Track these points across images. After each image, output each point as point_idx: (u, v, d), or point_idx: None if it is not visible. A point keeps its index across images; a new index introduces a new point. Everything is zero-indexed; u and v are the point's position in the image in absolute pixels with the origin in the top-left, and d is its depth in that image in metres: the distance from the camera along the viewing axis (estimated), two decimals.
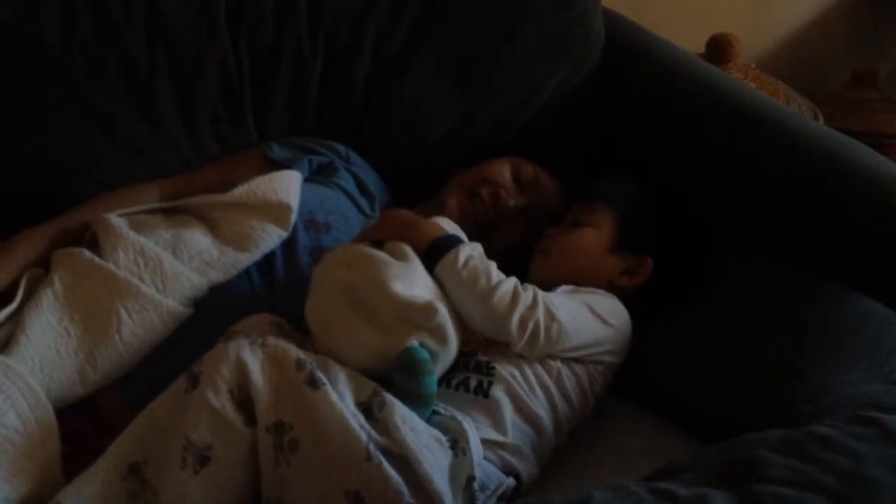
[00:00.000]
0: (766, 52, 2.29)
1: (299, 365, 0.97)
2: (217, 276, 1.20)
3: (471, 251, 1.12)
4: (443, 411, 1.04)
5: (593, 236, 1.28)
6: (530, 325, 1.07)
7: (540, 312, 1.08)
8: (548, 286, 1.23)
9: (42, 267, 1.20)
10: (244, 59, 1.43)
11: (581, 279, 1.23)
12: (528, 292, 1.10)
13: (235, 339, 1.00)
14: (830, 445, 0.79)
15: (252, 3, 1.43)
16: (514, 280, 1.11)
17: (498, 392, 1.08)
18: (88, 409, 1.12)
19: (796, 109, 2.03)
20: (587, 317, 1.14)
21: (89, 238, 1.23)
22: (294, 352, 0.98)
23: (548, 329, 1.08)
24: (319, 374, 0.96)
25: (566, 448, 1.12)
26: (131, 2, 1.37)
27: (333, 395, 0.95)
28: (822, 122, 2.02)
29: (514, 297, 1.08)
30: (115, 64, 1.37)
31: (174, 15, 1.39)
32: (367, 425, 0.95)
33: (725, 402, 1.06)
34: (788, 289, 1.15)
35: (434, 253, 1.11)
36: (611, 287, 1.24)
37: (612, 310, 1.18)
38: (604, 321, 1.15)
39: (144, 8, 1.38)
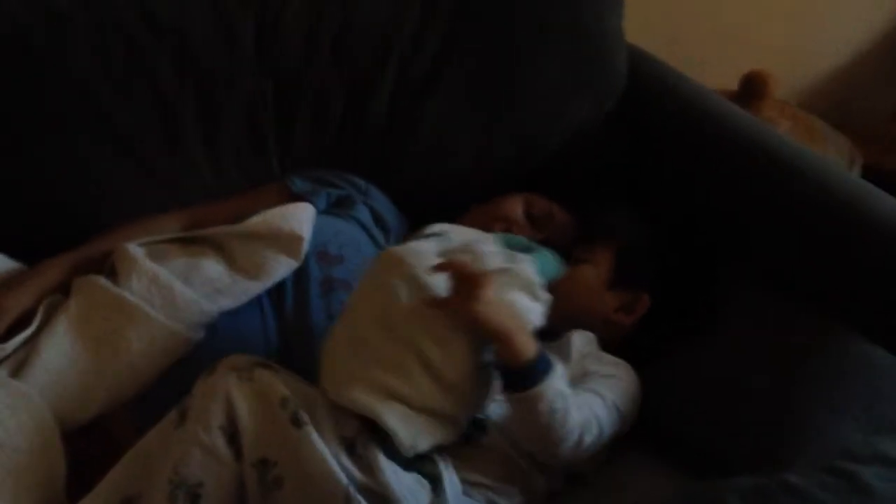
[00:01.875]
0: (805, 88, 2.25)
1: (284, 403, 0.98)
2: (228, 303, 1.23)
3: (559, 392, 1.01)
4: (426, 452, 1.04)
5: (592, 273, 1.28)
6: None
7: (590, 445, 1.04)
8: (551, 326, 1.23)
9: (64, 293, 1.24)
10: (269, 91, 1.47)
11: (579, 315, 1.23)
12: (593, 431, 1.04)
13: (223, 372, 1.02)
14: (798, 496, 0.77)
15: (278, 36, 1.47)
16: (585, 420, 1.03)
17: (488, 438, 1.08)
18: (97, 430, 1.15)
19: (834, 147, 2.00)
20: (616, 422, 1.10)
21: (109, 266, 1.27)
22: (280, 389, 0.99)
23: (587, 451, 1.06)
24: (302, 414, 0.98)
25: None
26: (161, 32, 1.42)
27: (315, 436, 0.96)
28: (860, 160, 1.98)
29: (579, 444, 1.03)
30: (143, 93, 1.42)
31: (201, 46, 1.44)
32: (349, 464, 0.96)
33: (716, 439, 1.05)
34: (790, 329, 1.14)
35: (518, 376, 1.00)
36: (607, 324, 1.24)
37: (633, 397, 1.15)
38: (623, 419, 1.13)
39: (173, 39, 1.42)
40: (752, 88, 1.99)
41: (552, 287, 1.28)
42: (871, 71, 2.30)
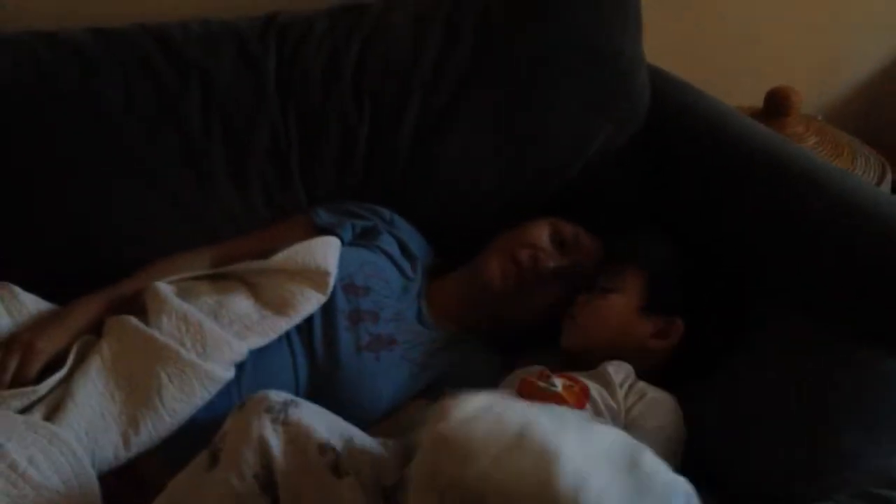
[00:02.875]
0: (833, 103, 2.23)
1: (321, 449, 0.96)
2: (257, 341, 1.23)
3: None
4: None
5: (621, 302, 1.27)
6: None
7: None
8: (580, 352, 1.22)
9: (97, 333, 1.26)
10: (292, 124, 1.48)
11: (613, 345, 1.22)
12: None
13: (255, 412, 1.00)
14: None
15: (299, 70, 1.48)
16: None
17: None
18: (129, 470, 1.15)
19: (863, 163, 1.97)
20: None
21: (140, 305, 1.28)
22: (317, 433, 0.97)
23: None
24: (344, 461, 0.95)
25: None
26: (187, 72, 1.44)
27: (358, 487, 0.94)
28: (890, 174, 1.95)
29: None
30: (172, 133, 1.44)
31: (226, 84, 1.45)
32: None
33: (750, 466, 1.03)
34: (824, 351, 1.11)
35: None
36: (643, 351, 1.22)
37: (679, 440, 1.13)
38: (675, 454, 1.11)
39: (199, 78, 1.45)
40: (776, 105, 1.97)
41: (581, 319, 1.28)
42: None
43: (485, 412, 0.86)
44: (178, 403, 1.16)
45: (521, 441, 0.83)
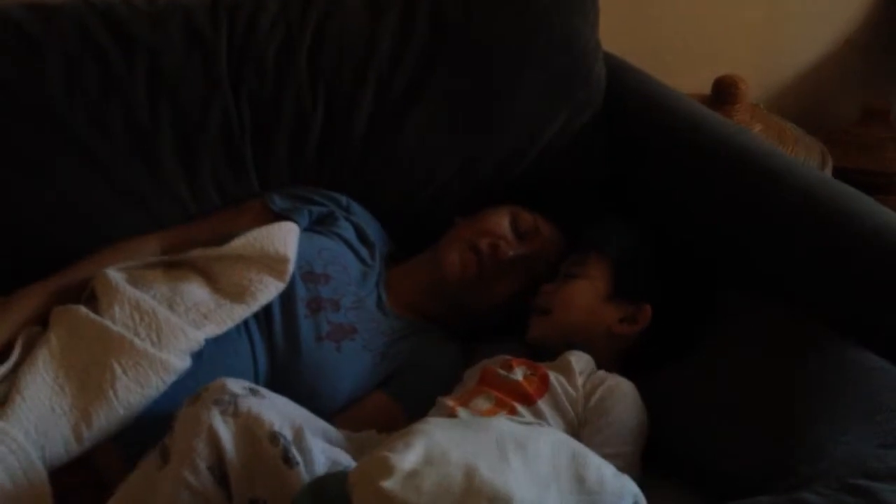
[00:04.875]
0: (774, 91, 2.27)
1: (273, 439, 0.95)
2: (214, 329, 1.19)
3: None
4: None
5: (588, 287, 1.27)
6: None
7: None
8: (548, 343, 1.21)
9: (42, 324, 1.21)
10: (245, 110, 1.44)
11: (580, 332, 1.22)
12: None
13: (205, 405, 0.97)
14: None
15: (252, 54, 1.44)
16: None
17: None
18: (83, 464, 1.11)
19: (804, 149, 2.02)
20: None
21: (88, 293, 1.23)
22: (268, 423, 0.95)
23: None
24: (294, 452, 0.94)
25: None
26: (133, 55, 1.39)
27: (306, 477, 0.93)
28: (831, 161, 2.01)
29: None
30: (118, 116, 1.38)
31: (175, 67, 1.41)
32: None
33: (723, 457, 1.04)
34: (790, 339, 1.13)
35: None
36: (610, 336, 1.23)
37: (640, 428, 1.13)
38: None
39: (146, 61, 1.39)
40: (724, 92, 2.00)
41: (553, 309, 1.27)
42: (838, 74, 2.33)
43: (426, 464, 0.86)
44: (133, 395, 1.12)
45: (470, 492, 0.83)
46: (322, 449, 0.99)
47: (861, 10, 2.28)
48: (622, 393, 1.16)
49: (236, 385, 1.02)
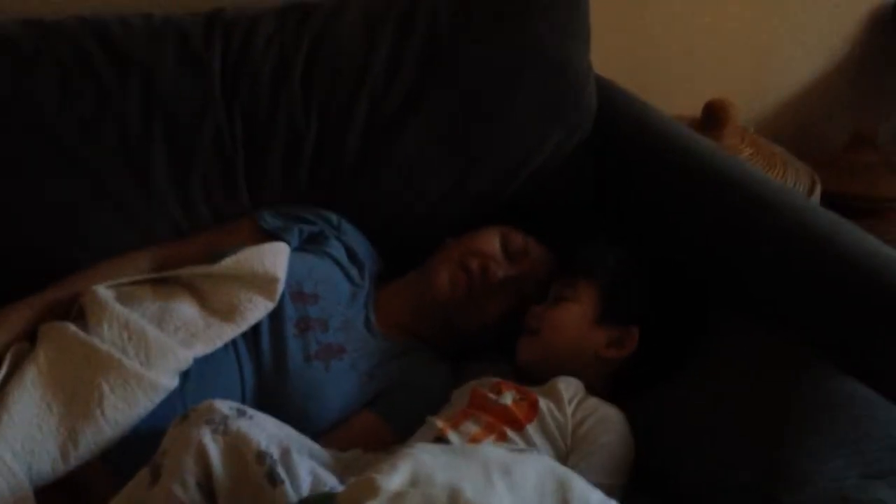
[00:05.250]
0: (764, 115, 2.29)
1: (259, 458, 0.95)
2: (202, 349, 1.19)
3: None
4: None
5: (577, 311, 1.27)
6: None
7: None
8: (536, 366, 1.22)
9: (30, 340, 1.20)
10: (238, 126, 1.44)
11: (568, 354, 1.23)
12: None
13: (196, 423, 0.98)
14: None
15: (247, 71, 1.45)
16: None
17: None
18: (69, 483, 1.11)
19: (794, 173, 2.03)
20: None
21: (76, 310, 1.23)
22: (255, 442, 0.96)
23: None
24: (280, 470, 0.95)
25: None
26: (127, 71, 1.39)
27: (292, 496, 0.93)
28: (819, 186, 2.02)
29: None
30: (110, 132, 1.39)
31: (169, 83, 1.41)
32: None
33: (710, 480, 1.04)
34: (779, 364, 1.14)
35: None
36: (598, 360, 1.23)
37: (626, 458, 1.14)
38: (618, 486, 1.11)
39: (139, 77, 1.40)
40: (714, 116, 2.01)
41: (543, 330, 1.27)
42: (827, 99, 2.35)
43: (412, 485, 0.87)
44: (120, 414, 1.12)
45: None
46: (309, 469, 1.00)
47: (851, 35, 2.30)
48: (612, 424, 1.16)
49: (225, 406, 1.02)
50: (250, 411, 1.04)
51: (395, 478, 0.87)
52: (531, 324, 1.30)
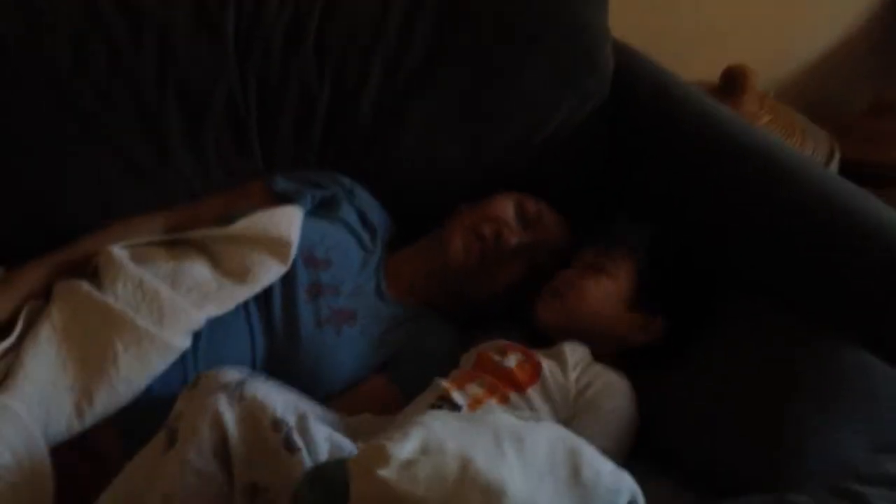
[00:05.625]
0: (784, 81, 2.26)
1: (276, 425, 0.96)
2: (214, 310, 1.20)
3: None
4: None
5: (612, 288, 1.24)
6: None
7: None
8: (552, 329, 1.20)
9: (45, 298, 1.21)
10: (251, 91, 1.44)
11: (588, 324, 1.21)
12: None
13: (212, 389, 0.99)
14: None
15: (260, 36, 1.44)
16: None
17: None
18: (82, 443, 1.12)
19: (812, 140, 2.01)
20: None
21: (91, 269, 1.24)
22: (271, 409, 0.97)
23: None
24: (296, 438, 0.95)
25: None
26: (141, 32, 1.39)
27: (308, 462, 0.94)
28: (838, 154, 2.00)
29: None
30: (124, 93, 1.39)
31: (183, 47, 1.41)
32: None
33: (716, 455, 1.05)
34: (786, 339, 1.13)
35: None
36: (616, 339, 1.22)
37: (629, 428, 1.15)
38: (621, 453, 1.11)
39: (154, 39, 1.40)
40: (732, 82, 1.99)
41: (569, 295, 1.24)
42: (847, 65, 2.31)
43: (423, 453, 0.87)
44: (133, 373, 1.13)
45: (464, 482, 0.85)
46: (326, 435, 1.00)
47: (871, 2, 2.25)
48: (617, 391, 1.17)
49: (234, 373, 1.03)
50: (258, 378, 1.05)
51: (406, 445, 0.87)
52: (559, 287, 1.27)
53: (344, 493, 0.85)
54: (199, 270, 1.24)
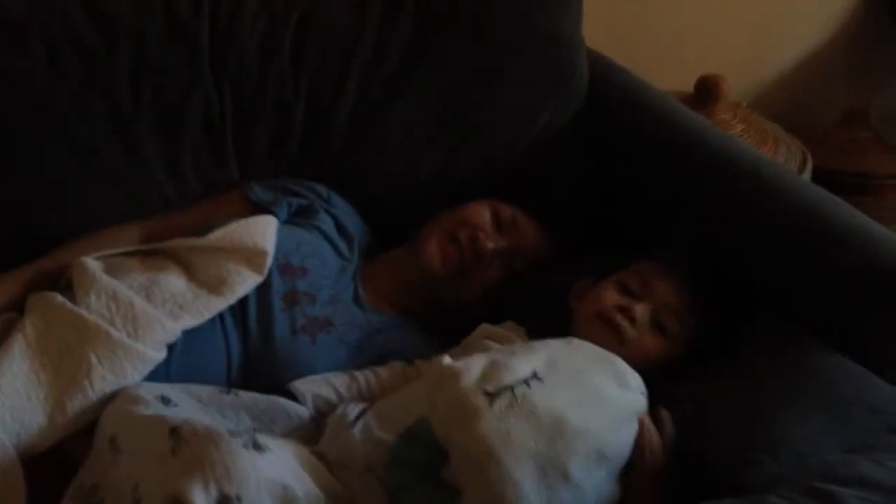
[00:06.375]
0: (756, 91, 2.29)
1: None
2: (190, 321, 1.19)
3: None
4: None
5: (667, 349, 1.17)
6: None
7: None
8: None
9: (18, 311, 1.20)
10: (227, 99, 1.43)
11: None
12: None
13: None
14: None
15: (235, 46, 1.43)
16: None
17: None
18: (57, 455, 1.10)
19: (785, 150, 2.03)
20: None
21: (65, 282, 1.23)
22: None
23: None
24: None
25: None
26: (117, 43, 1.38)
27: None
28: (810, 162, 2.02)
29: None
30: (100, 103, 1.38)
31: (158, 57, 1.40)
32: None
33: (692, 457, 1.04)
34: (760, 341, 1.15)
35: None
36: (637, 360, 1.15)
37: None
38: None
39: (129, 49, 1.39)
40: (706, 91, 2.01)
41: (630, 345, 1.16)
42: (819, 76, 2.35)
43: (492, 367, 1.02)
44: (108, 385, 1.12)
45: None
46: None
47: (843, 12, 2.29)
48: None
49: (148, 392, 1.06)
50: (174, 399, 1.07)
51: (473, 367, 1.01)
52: (624, 326, 1.17)
53: (436, 443, 0.97)
54: (174, 281, 1.23)
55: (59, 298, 1.16)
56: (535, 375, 1.01)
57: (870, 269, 1.12)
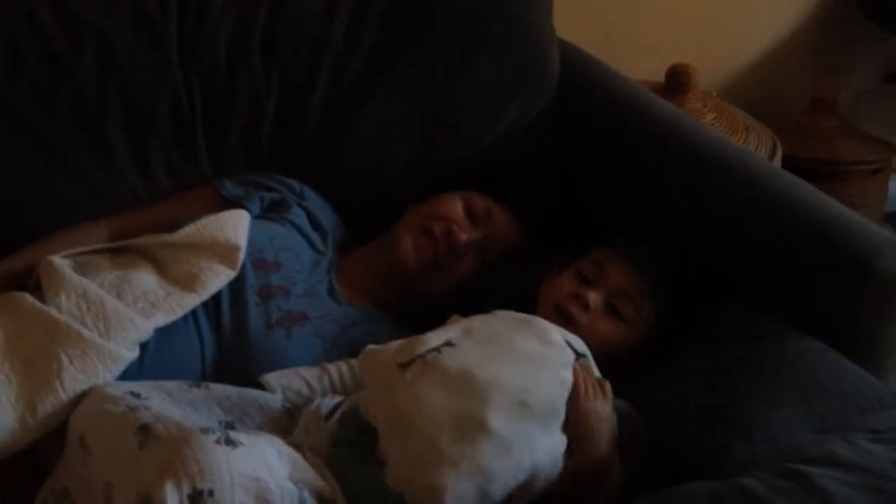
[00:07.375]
0: (727, 80, 2.30)
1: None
2: (162, 318, 1.18)
3: None
4: None
5: (624, 334, 1.18)
6: None
7: None
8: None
9: None
10: (196, 95, 1.42)
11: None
12: None
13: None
14: (754, 500, 0.79)
15: (204, 39, 1.42)
16: None
17: None
18: (29, 456, 1.09)
19: (756, 138, 2.05)
20: None
21: (33, 281, 1.21)
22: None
23: None
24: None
25: None
26: (81, 38, 1.37)
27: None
28: (780, 149, 2.04)
29: None
30: (66, 99, 1.36)
31: (124, 51, 1.39)
32: None
33: (665, 441, 1.05)
34: (733, 325, 1.16)
35: None
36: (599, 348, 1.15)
37: None
38: None
39: (94, 44, 1.37)
40: (676, 81, 2.02)
41: (584, 328, 1.16)
42: (787, 65, 2.37)
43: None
44: (79, 385, 1.10)
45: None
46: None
47: (810, 4, 2.31)
48: None
49: (118, 390, 1.05)
50: (144, 394, 1.05)
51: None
52: (575, 313, 1.18)
53: (365, 423, 0.99)
54: (145, 279, 1.21)
55: (29, 298, 1.15)
56: (448, 343, 1.03)
57: (842, 254, 1.14)
